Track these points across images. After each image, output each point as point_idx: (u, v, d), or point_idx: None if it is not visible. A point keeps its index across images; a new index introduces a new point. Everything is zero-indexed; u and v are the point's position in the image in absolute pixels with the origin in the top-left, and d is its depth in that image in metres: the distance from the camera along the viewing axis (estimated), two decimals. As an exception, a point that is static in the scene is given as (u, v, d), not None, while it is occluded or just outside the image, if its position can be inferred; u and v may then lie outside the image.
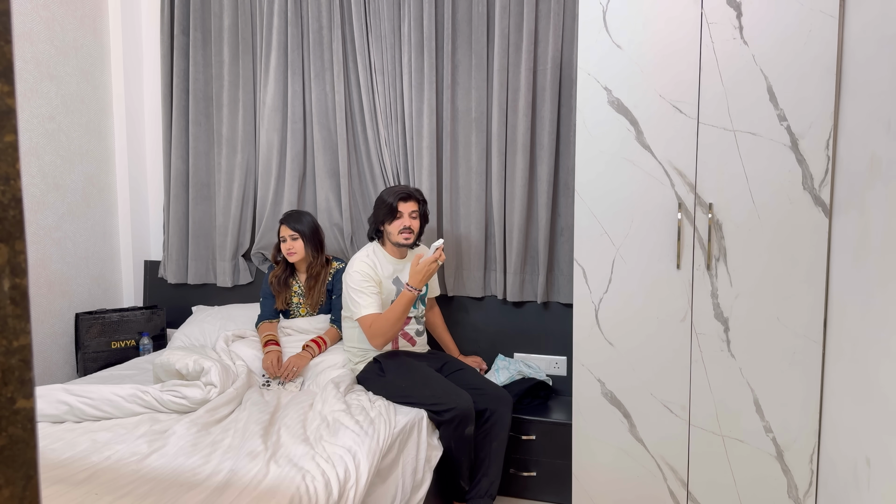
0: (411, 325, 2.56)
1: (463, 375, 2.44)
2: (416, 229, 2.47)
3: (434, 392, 2.23)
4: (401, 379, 2.32)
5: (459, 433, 2.17)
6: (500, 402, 2.28)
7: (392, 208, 2.41)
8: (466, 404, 2.18)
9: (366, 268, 2.42)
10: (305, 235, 2.69)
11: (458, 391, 2.23)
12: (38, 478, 0.40)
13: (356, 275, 2.41)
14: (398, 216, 2.42)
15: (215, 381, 2.21)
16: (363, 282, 2.39)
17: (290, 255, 2.68)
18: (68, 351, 3.08)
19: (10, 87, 0.38)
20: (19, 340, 0.38)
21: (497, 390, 2.34)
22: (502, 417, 2.27)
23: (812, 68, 1.97)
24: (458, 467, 2.24)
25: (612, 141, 2.19)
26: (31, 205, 2.86)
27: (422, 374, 2.33)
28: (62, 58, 3.00)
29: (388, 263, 2.50)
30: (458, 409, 2.16)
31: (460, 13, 2.83)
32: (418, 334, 2.59)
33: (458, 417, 2.16)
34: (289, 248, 2.67)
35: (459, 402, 2.17)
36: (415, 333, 2.57)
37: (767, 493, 2.12)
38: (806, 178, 2.01)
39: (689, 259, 2.15)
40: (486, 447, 2.27)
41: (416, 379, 2.30)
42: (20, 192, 0.38)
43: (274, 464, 1.73)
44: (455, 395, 2.20)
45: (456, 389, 2.24)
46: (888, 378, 1.52)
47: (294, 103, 3.07)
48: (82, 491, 1.55)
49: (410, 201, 2.45)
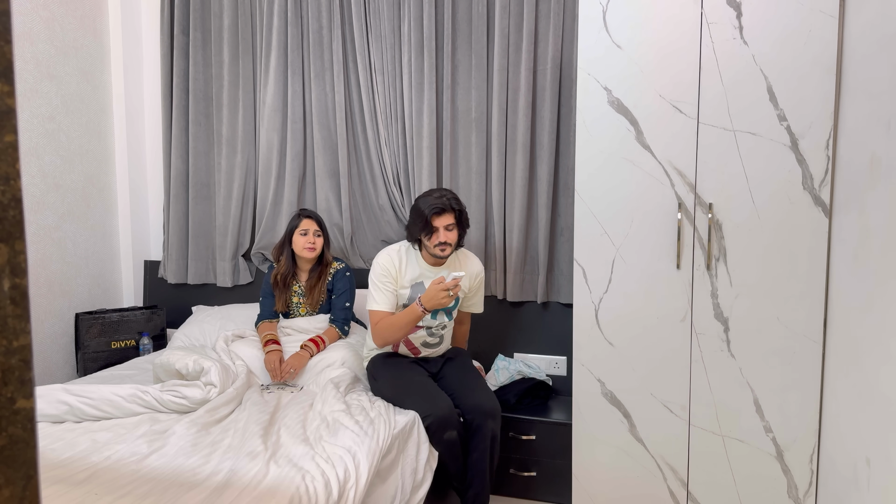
0: (419, 334, 2.44)
1: (454, 381, 2.35)
2: (454, 240, 2.32)
3: (414, 400, 2.20)
4: (386, 388, 2.29)
5: (439, 438, 2.14)
6: (482, 415, 2.19)
7: (427, 223, 2.28)
8: (443, 411, 2.14)
9: (388, 264, 2.37)
10: (326, 235, 2.76)
11: (436, 397, 2.19)
12: (38, 478, 0.40)
13: (377, 267, 2.38)
14: (434, 230, 2.29)
15: (215, 381, 2.21)
16: (382, 276, 2.36)
17: (310, 249, 2.69)
18: (68, 351, 3.08)
19: (10, 87, 0.38)
20: (19, 340, 0.38)
21: (482, 401, 2.22)
22: (482, 429, 2.19)
23: (812, 68, 1.97)
24: (448, 472, 2.21)
25: (612, 141, 2.19)
26: (31, 205, 2.86)
27: (405, 380, 2.28)
28: (62, 58, 3.00)
29: (418, 266, 2.41)
30: (434, 416, 2.13)
31: (460, 13, 2.83)
32: (427, 346, 2.47)
33: (436, 424, 2.13)
34: (312, 243, 2.69)
35: (436, 409, 2.14)
36: (421, 345, 2.46)
37: (767, 492, 2.12)
38: (806, 178, 2.01)
39: (689, 259, 2.15)
40: (468, 458, 2.22)
41: (398, 387, 2.26)
42: (20, 192, 0.38)
43: (274, 464, 1.73)
44: (433, 401, 2.17)
45: (435, 396, 2.20)
46: (888, 378, 1.52)
47: (294, 103, 3.07)
48: (82, 491, 1.55)
49: (445, 214, 2.29)
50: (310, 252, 2.70)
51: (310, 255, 2.70)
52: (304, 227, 2.70)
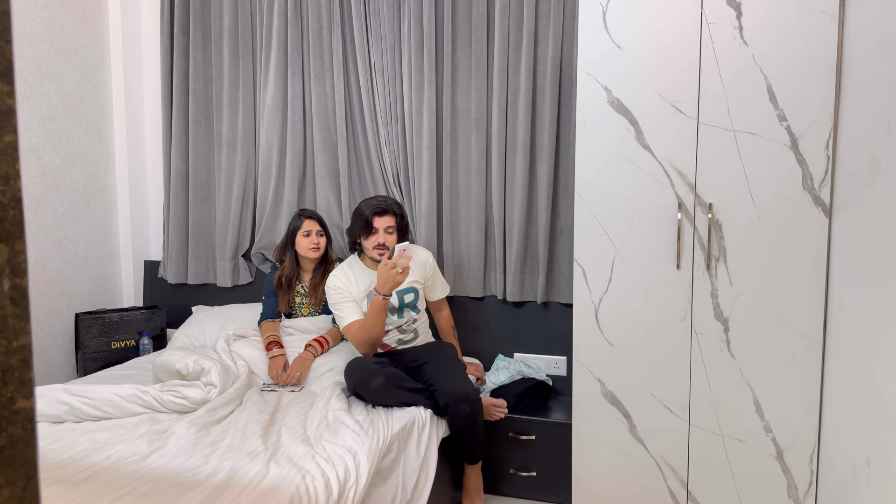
0: (392, 335, 2.47)
1: (434, 369, 2.32)
2: (392, 244, 2.36)
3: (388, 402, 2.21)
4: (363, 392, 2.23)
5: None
6: (454, 399, 2.17)
7: (367, 223, 2.34)
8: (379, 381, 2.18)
9: (338, 282, 2.41)
10: (328, 233, 2.78)
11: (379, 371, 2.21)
12: (37, 478, 0.40)
13: (330, 290, 2.42)
14: (373, 231, 2.35)
15: (215, 381, 2.21)
16: (337, 294, 2.40)
17: (314, 249, 2.70)
18: (68, 351, 3.08)
19: (10, 87, 0.38)
20: (19, 340, 0.38)
21: (455, 386, 2.20)
22: (454, 413, 2.19)
23: (812, 68, 1.97)
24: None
25: (612, 141, 2.19)
26: (31, 205, 2.86)
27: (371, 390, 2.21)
28: (62, 58, 3.00)
29: (365, 276, 2.44)
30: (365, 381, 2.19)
31: (460, 13, 2.83)
32: (402, 344, 2.50)
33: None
34: (316, 244, 2.70)
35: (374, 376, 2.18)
36: (396, 343, 2.49)
37: (767, 492, 2.12)
38: (806, 178, 2.01)
39: (689, 259, 2.15)
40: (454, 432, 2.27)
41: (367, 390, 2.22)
42: (20, 192, 0.38)
43: (274, 464, 1.73)
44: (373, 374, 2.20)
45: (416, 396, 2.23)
46: (888, 378, 1.52)
47: (294, 103, 3.07)
48: (82, 491, 1.55)
49: (386, 216, 2.35)
50: (314, 252, 2.70)
51: (314, 255, 2.71)
52: (307, 228, 2.70)
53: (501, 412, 2.52)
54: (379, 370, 2.20)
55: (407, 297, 2.46)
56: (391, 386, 2.18)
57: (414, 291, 2.48)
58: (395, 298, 2.43)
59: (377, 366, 2.23)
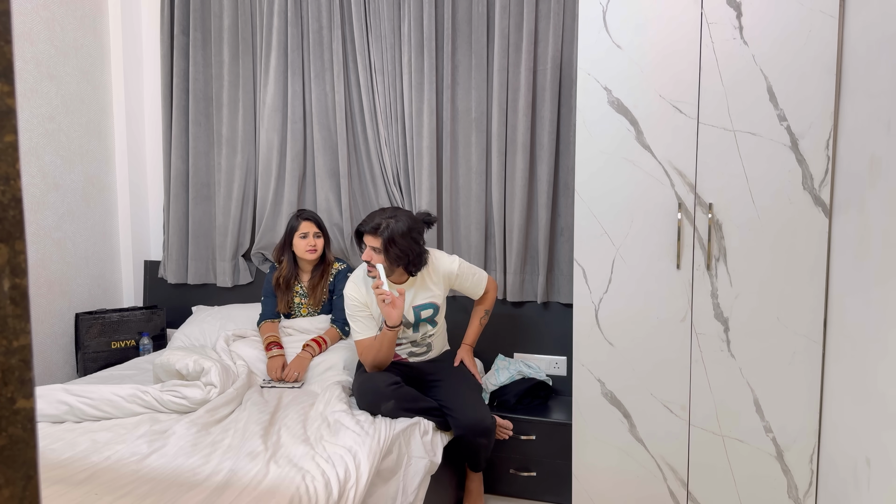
0: (405, 347, 2.43)
1: (449, 389, 2.31)
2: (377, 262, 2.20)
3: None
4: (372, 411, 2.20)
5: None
6: (473, 433, 2.19)
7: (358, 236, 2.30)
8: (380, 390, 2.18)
9: (356, 293, 2.31)
10: (326, 234, 2.77)
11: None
12: (38, 478, 0.40)
13: (348, 299, 2.33)
14: (362, 248, 2.28)
15: (215, 381, 2.21)
16: (354, 307, 2.32)
17: (311, 251, 2.69)
18: (68, 351, 3.08)
19: (10, 87, 0.38)
20: (19, 340, 0.38)
21: (474, 419, 2.18)
22: (472, 444, 2.22)
23: (812, 68, 1.97)
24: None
25: (612, 141, 2.19)
26: (31, 205, 2.86)
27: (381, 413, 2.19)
28: (62, 58, 3.00)
29: (371, 295, 2.34)
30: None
31: (460, 13, 2.83)
32: (413, 356, 2.46)
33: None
34: (313, 245, 2.69)
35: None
36: (408, 355, 2.46)
37: (767, 492, 2.12)
38: (806, 178, 2.01)
39: (689, 259, 2.15)
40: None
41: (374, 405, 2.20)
42: (20, 192, 0.38)
43: (274, 464, 1.73)
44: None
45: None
46: (888, 378, 1.52)
47: (294, 103, 3.07)
48: (82, 491, 1.55)
49: (366, 236, 2.22)
50: (311, 254, 2.70)
51: (311, 257, 2.71)
52: (304, 230, 2.70)
53: (507, 433, 2.51)
54: (391, 394, 2.15)
55: (424, 313, 2.37)
56: (401, 409, 2.17)
57: (433, 307, 2.38)
58: (411, 314, 2.35)
59: (389, 388, 2.16)
